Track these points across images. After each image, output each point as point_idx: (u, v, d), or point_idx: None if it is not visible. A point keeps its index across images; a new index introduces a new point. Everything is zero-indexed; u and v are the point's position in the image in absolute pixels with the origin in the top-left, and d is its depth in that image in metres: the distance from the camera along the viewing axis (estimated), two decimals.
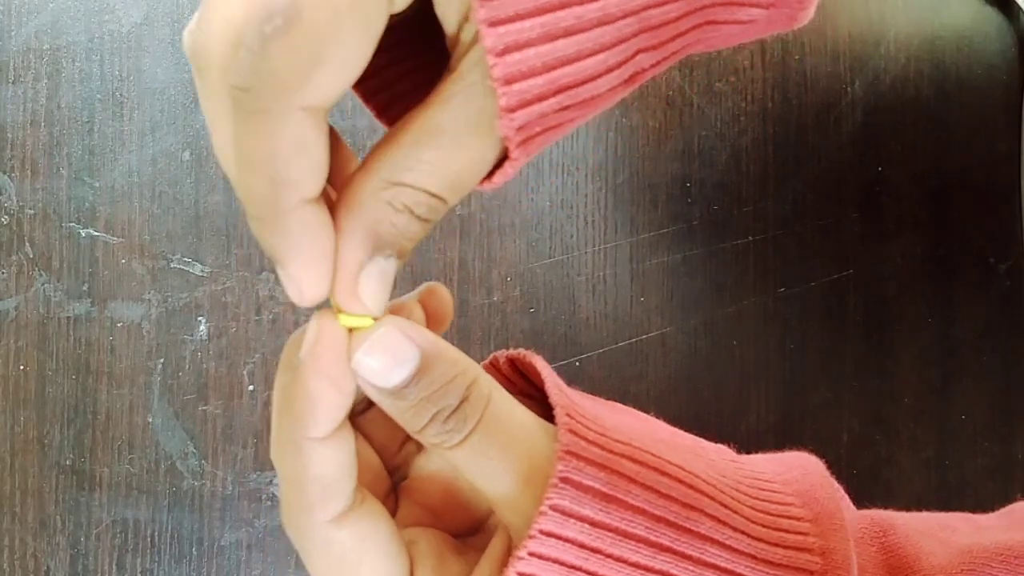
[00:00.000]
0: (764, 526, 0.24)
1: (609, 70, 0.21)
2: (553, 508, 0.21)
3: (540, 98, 0.20)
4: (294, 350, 0.22)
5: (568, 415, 0.22)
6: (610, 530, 0.22)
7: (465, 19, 0.20)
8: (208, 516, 0.38)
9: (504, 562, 0.23)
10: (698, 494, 0.23)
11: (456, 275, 0.40)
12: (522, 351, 0.26)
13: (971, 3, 0.44)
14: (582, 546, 0.21)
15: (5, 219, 0.38)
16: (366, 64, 0.20)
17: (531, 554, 0.21)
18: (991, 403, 0.43)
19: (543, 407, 0.24)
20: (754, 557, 0.23)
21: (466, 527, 0.26)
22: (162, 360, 0.38)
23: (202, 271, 0.39)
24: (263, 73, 0.18)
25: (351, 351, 0.22)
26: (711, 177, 0.42)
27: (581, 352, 0.40)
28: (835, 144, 0.43)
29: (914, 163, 0.43)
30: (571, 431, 0.22)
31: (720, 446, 0.27)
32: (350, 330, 0.22)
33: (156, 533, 0.38)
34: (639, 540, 0.22)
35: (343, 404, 0.22)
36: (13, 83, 0.38)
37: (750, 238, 0.42)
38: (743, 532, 0.23)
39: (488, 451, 0.22)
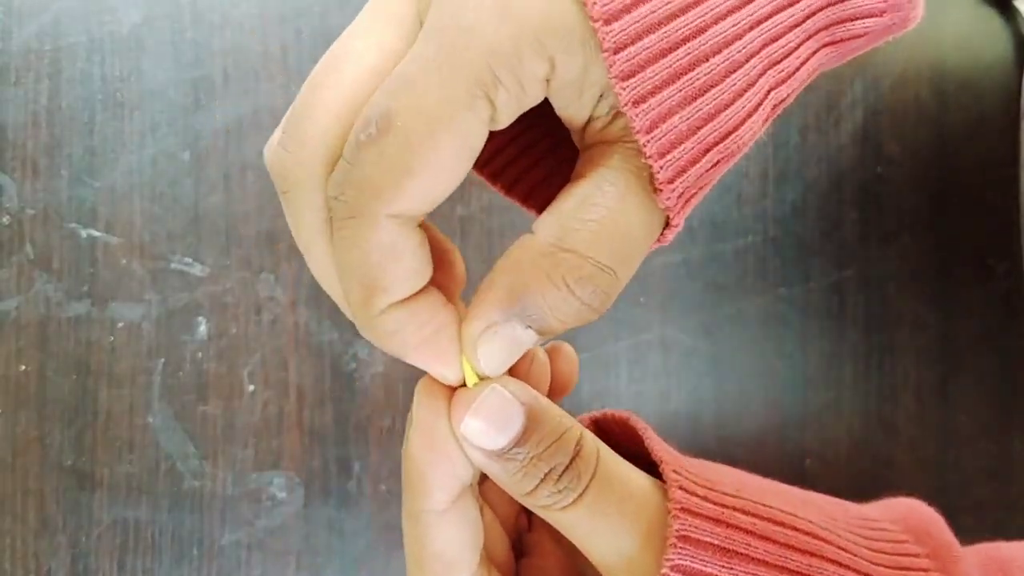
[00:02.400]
0: (886, 567, 0.23)
1: (748, 115, 0.20)
2: (674, 569, 0.20)
3: (693, 162, 0.19)
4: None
5: (675, 471, 0.22)
6: None
7: (597, 99, 0.19)
8: (208, 516, 0.38)
9: None
10: (817, 540, 0.22)
11: None
12: (613, 411, 0.25)
13: (970, 4, 0.44)
14: None
15: (6, 219, 0.38)
16: (462, 176, 0.19)
17: None
18: (991, 403, 0.43)
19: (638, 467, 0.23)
20: None
21: None
22: (162, 360, 0.38)
23: (202, 271, 0.39)
24: (354, 180, 0.18)
25: (452, 415, 0.21)
26: None
27: (581, 352, 0.40)
28: (835, 144, 0.43)
29: (914, 163, 0.43)
30: (681, 488, 0.21)
31: (820, 494, 0.26)
32: (457, 387, 0.22)
33: (156, 533, 0.38)
34: None
35: (457, 475, 0.21)
36: (14, 84, 0.38)
37: (750, 238, 0.42)
38: (867, 574, 0.23)
39: (605, 509, 0.21)
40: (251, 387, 0.39)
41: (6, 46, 0.38)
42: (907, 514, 0.26)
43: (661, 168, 0.19)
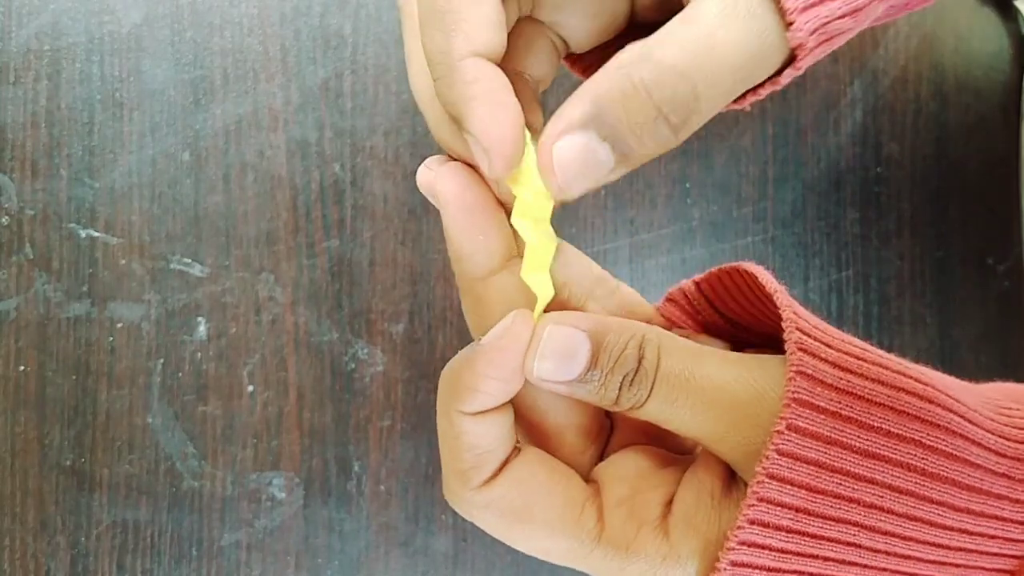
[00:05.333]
0: (1017, 441, 0.23)
1: None
2: (789, 427, 0.21)
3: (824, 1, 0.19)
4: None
5: (798, 329, 0.22)
6: (845, 447, 0.21)
7: None
8: (208, 516, 0.38)
9: (718, 473, 0.23)
10: (939, 408, 0.22)
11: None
12: (739, 264, 0.25)
13: (969, 4, 0.44)
14: (819, 464, 0.21)
15: (5, 220, 0.38)
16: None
17: (770, 476, 0.20)
18: None
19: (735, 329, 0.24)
20: (1009, 478, 0.22)
21: (682, 444, 0.26)
22: (162, 360, 0.38)
23: (202, 272, 0.39)
24: None
25: (530, 361, 0.22)
26: (710, 177, 0.42)
27: None
28: (835, 144, 0.43)
29: (913, 163, 0.43)
30: (802, 349, 0.21)
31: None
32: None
33: (156, 533, 0.38)
34: (881, 459, 0.21)
35: (506, 394, 0.22)
36: (13, 84, 0.38)
37: (750, 238, 0.42)
38: (995, 452, 0.22)
39: (674, 399, 0.22)
40: (251, 387, 0.39)
41: (5, 46, 0.38)
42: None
43: None
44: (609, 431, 0.26)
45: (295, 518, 0.39)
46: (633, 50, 0.19)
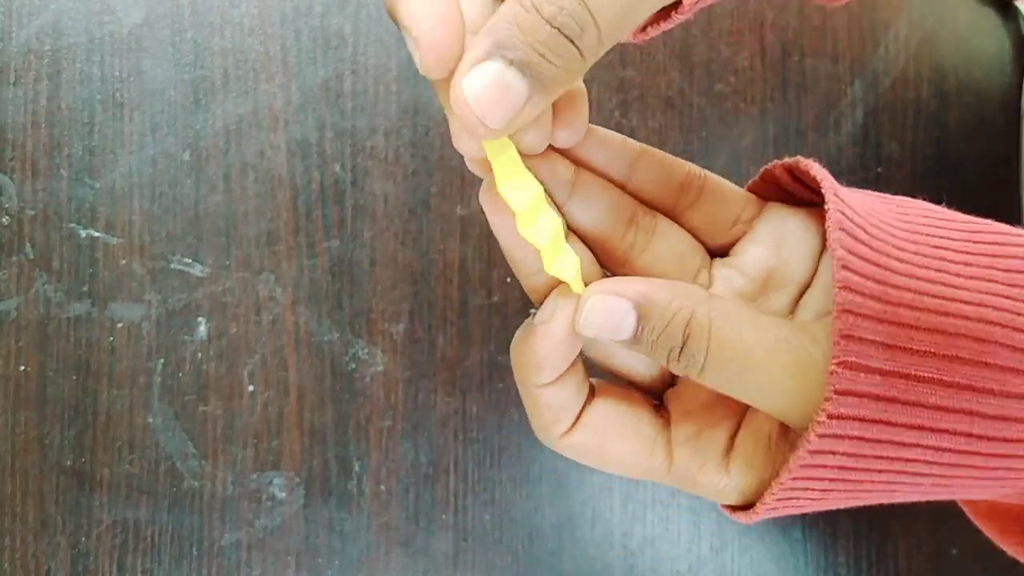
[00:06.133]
0: None
1: None
2: (841, 364, 0.21)
3: None
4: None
5: (843, 265, 0.22)
6: (901, 376, 0.21)
7: None
8: (208, 516, 0.38)
9: (774, 424, 0.24)
10: (990, 325, 0.22)
11: (456, 275, 0.40)
12: (798, 159, 0.27)
13: (970, 4, 0.44)
14: (877, 397, 0.21)
15: (5, 220, 0.38)
16: None
17: (830, 416, 0.21)
18: None
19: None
20: None
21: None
22: (162, 360, 0.38)
23: (202, 272, 0.39)
24: None
25: (576, 323, 0.23)
26: None
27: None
28: (835, 144, 0.43)
29: (914, 163, 0.43)
30: (845, 287, 0.22)
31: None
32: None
33: (156, 533, 0.38)
34: (933, 382, 0.21)
35: (568, 360, 0.24)
36: (14, 84, 0.38)
37: None
38: None
39: (727, 374, 0.22)
40: (251, 387, 0.39)
41: (6, 46, 0.38)
42: None
43: None
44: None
45: (295, 518, 0.39)
46: None
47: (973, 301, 0.23)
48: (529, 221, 0.22)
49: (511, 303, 0.40)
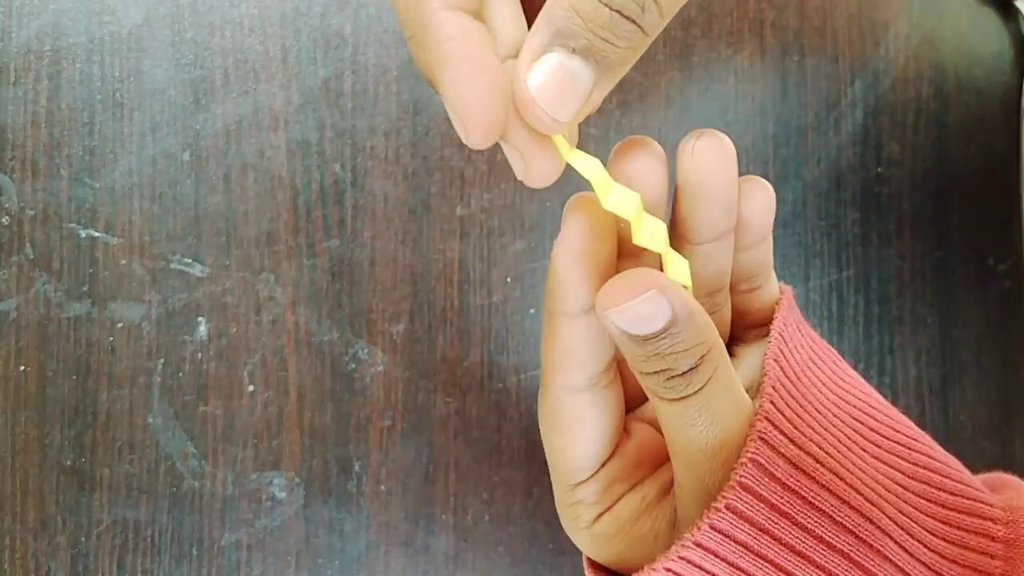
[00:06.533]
0: (947, 540, 0.24)
1: None
2: (728, 508, 0.22)
3: None
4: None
5: (767, 419, 0.23)
6: (784, 515, 0.22)
7: None
8: (208, 516, 0.38)
9: (663, 493, 0.25)
10: (878, 531, 0.23)
11: (456, 275, 0.40)
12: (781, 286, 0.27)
13: (970, 4, 0.44)
14: (761, 529, 0.22)
15: (5, 220, 0.38)
16: None
17: (713, 526, 0.22)
18: (991, 403, 0.43)
19: None
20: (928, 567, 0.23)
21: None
22: (162, 360, 0.38)
23: (202, 272, 0.39)
24: None
25: (603, 298, 0.22)
26: None
27: None
28: (835, 144, 0.43)
29: (914, 163, 0.43)
30: (762, 438, 0.22)
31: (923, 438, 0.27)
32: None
33: (156, 533, 0.38)
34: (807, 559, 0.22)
35: (590, 280, 0.23)
36: (13, 84, 0.38)
37: None
38: (923, 544, 0.23)
39: (696, 419, 0.22)
40: (251, 387, 0.39)
41: (6, 46, 0.38)
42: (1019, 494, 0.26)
43: None
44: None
45: (295, 518, 0.39)
46: None
47: (865, 477, 0.23)
48: (609, 192, 0.22)
49: (511, 303, 0.40)
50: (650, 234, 0.22)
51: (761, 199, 0.25)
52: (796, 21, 0.42)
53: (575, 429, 0.24)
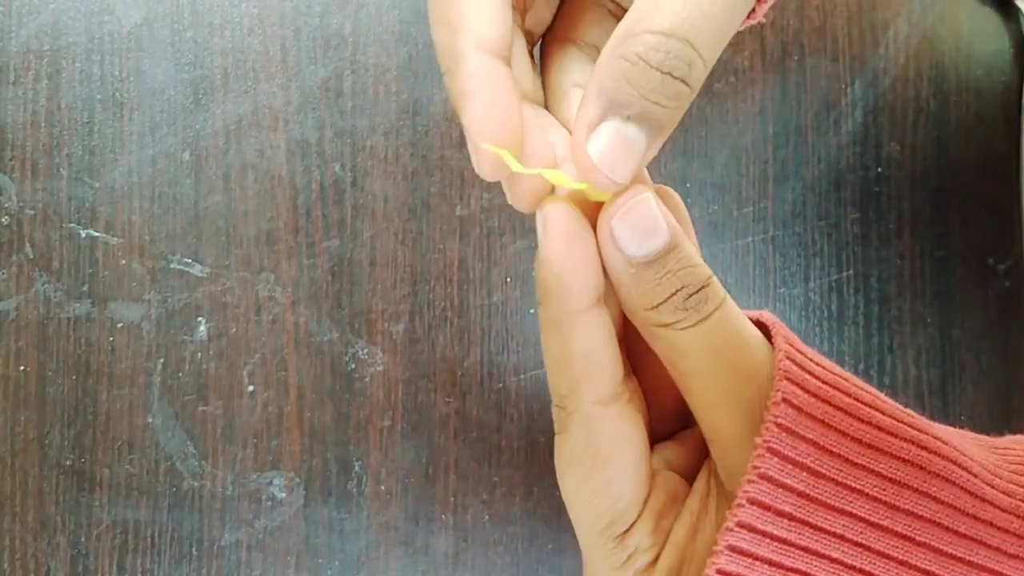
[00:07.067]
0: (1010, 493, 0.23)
1: None
2: (778, 426, 0.21)
3: None
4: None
5: (788, 343, 0.22)
6: (835, 456, 0.21)
7: None
8: (208, 516, 0.38)
9: (705, 497, 0.23)
10: (925, 435, 0.22)
11: (456, 275, 0.40)
12: (752, 313, 0.26)
13: (970, 3, 0.44)
14: (807, 469, 0.21)
15: (5, 219, 0.38)
16: None
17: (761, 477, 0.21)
18: (991, 403, 0.43)
19: None
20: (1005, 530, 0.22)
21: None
22: (162, 360, 0.38)
23: (202, 271, 0.39)
24: None
25: (601, 217, 0.22)
26: (710, 177, 0.42)
27: None
28: (835, 144, 0.43)
29: (914, 163, 0.43)
30: (790, 358, 0.22)
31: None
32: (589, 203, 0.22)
33: (156, 533, 0.38)
34: (863, 469, 0.21)
35: (597, 277, 0.22)
36: (13, 84, 0.38)
37: (750, 238, 0.42)
38: (991, 503, 0.22)
39: (719, 340, 0.22)
40: (251, 387, 0.39)
41: (5, 45, 0.38)
42: None
43: None
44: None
45: (295, 518, 0.39)
46: (619, 31, 0.20)
47: (915, 426, 0.23)
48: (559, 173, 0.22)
49: (511, 303, 0.40)
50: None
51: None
52: (796, 21, 0.42)
53: (616, 454, 0.23)
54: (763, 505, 0.21)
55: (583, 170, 0.21)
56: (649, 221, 0.21)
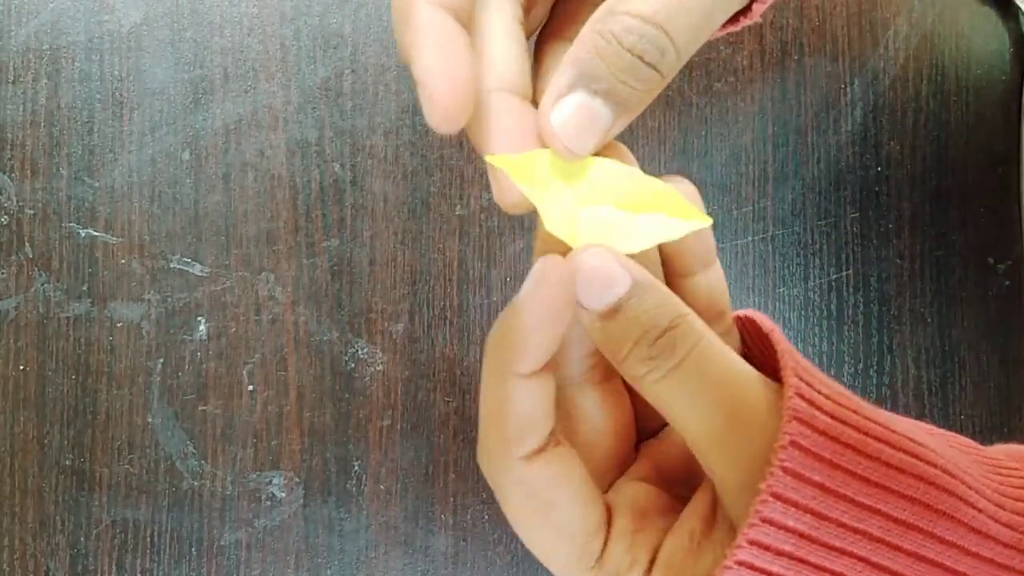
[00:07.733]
0: (1012, 499, 0.23)
1: None
2: (784, 471, 0.20)
3: None
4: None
5: (798, 376, 0.21)
6: (839, 497, 0.20)
7: None
8: (208, 516, 0.38)
9: (708, 520, 0.22)
10: (934, 468, 0.21)
11: (456, 275, 0.40)
12: (743, 311, 0.25)
13: (970, 3, 0.44)
14: (813, 512, 0.20)
15: (5, 219, 0.38)
16: None
17: (763, 520, 0.20)
18: (991, 403, 0.43)
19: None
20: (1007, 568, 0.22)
21: (690, 493, 0.26)
22: (162, 360, 0.38)
23: (202, 271, 0.39)
24: None
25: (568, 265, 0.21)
26: (710, 177, 0.42)
27: None
28: (834, 144, 0.43)
29: (914, 163, 0.43)
30: (799, 395, 0.21)
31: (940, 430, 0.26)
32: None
33: (156, 533, 0.38)
34: (869, 510, 0.21)
35: (553, 339, 0.22)
36: (13, 83, 0.38)
37: (750, 238, 0.42)
38: (993, 538, 0.22)
39: (701, 384, 0.21)
40: (251, 387, 0.39)
41: (5, 45, 0.38)
42: None
43: None
44: (632, 462, 0.26)
45: (295, 517, 0.39)
46: (603, 7, 0.21)
47: (920, 441, 0.22)
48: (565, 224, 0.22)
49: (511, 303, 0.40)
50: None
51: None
52: (795, 20, 0.42)
53: (557, 497, 0.23)
54: (763, 546, 0.20)
55: (544, 136, 0.21)
56: (604, 272, 0.21)
